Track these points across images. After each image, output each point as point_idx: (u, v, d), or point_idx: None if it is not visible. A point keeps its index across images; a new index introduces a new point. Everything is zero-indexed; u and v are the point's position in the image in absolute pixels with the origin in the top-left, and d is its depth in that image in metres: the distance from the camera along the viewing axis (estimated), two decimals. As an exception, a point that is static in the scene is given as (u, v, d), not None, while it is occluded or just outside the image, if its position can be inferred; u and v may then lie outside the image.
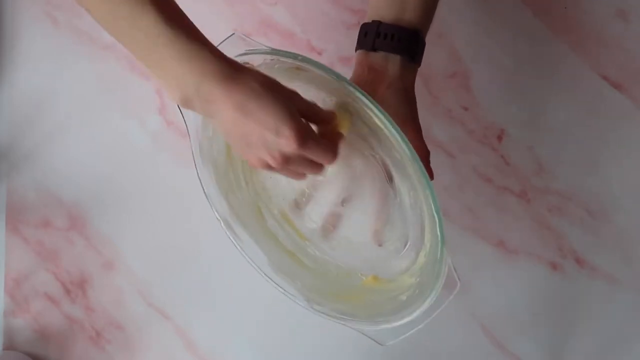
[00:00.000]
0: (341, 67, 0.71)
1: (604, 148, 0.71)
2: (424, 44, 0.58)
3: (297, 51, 0.72)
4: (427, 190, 0.50)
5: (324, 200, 0.61)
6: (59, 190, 0.74)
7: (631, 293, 0.70)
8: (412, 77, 0.58)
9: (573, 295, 0.70)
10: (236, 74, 0.47)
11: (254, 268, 0.58)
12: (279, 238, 0.62)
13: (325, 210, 0.61)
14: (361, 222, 0.60)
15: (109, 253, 0.73)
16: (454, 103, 0.71)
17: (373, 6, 0.58)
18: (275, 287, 0.58)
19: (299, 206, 0.62)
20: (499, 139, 0.71)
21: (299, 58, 0.51)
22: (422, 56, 0.58)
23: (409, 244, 0.58)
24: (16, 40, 0.74)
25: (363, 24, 0.58)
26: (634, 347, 0.70)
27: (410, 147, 0.50)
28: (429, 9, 0.58)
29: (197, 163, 0.58)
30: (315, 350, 0.72)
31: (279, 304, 0.58)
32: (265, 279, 0.58)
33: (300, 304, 0.57)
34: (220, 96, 0.47)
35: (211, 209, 0.59)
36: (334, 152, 0.51)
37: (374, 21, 0.57)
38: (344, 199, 0.60)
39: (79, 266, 0.73)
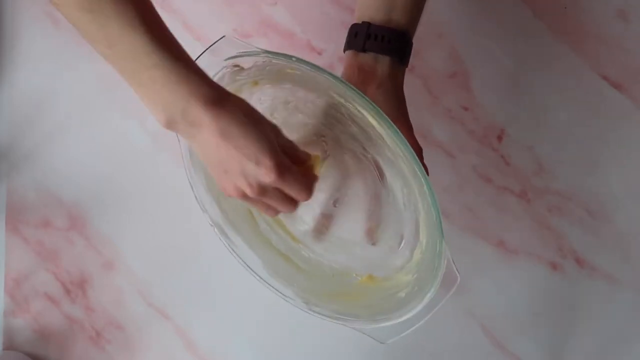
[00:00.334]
0: (341, 67, 0.70)
1: (604, 148, 0.71)
2: (412, 45, 0.58)
3: (297, 51, 0.72)
4: (423, 184, 0.50)
5: (316, 201, 0.60)
6: (59, 190, 0.74)
7: (631, 293, 0.70)
8: (401, 78, 0.58)
9: (573, 295, 0.70)
10: (222, 100, 0.47)
11: (249, 272, 0.58)
12: (272, 242, 0.62)
13: (318, 212, 0.61)
14: (354, 222, 0.60)
15: (109, 253, 0.73)
16: (454, 103, 0.71)
17: (362, 7, 0.58)
18: (272, 290, 0.58)
19: None
20: (499, 139, 0.71)
21: (293, 59, 0.51)
22: (410, 57, 0.58)
23: (403, 242, 0.58)
24: (16, 40, 0.74)
25: (353, 25, 0.58)
26: (634, 347, 0.70)
27: (406, 142, 0.50)
28: (416, 11, 0.58)
29: (187, 168, 0.58)
30: (316, 350, 0.72)
31: (279, 304, 0.58)
32: (262, 283, 0.58)
33: (298, 307, 0.57)
34: (206, 120, 0.46)
35: (203, 214, 0.59)
36: (310, 188, 0.51)
37: (364, 22, 0.57)
38: (336, 200, 0.61)
39: (79, 266, 0.73)
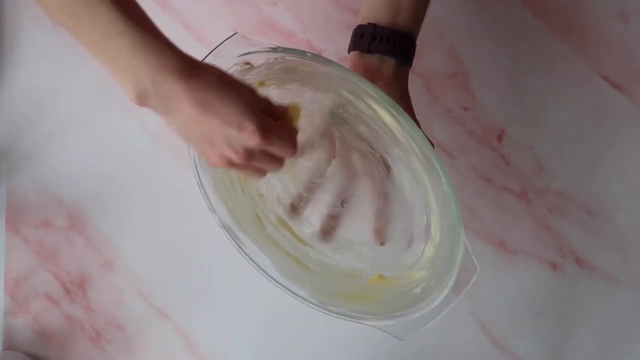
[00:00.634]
0: (341, 67, 0.71)
1: (604, 148, 0.71)
2: (415, 46, 0.58)
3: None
4: (440, 174, 0.50)
5: (323, 202, 0.60)
6: (59, 190, 0.74)
7: (631, 293, 0.70)
8: (406, 78, 0.58)
9: (573, 295, 0.70)
10: (194, 69, 0.46)
11: (262, 274, 0.58)
12: (279, 243, 0.61)
13: (325, 213, 0.61)
14: (362, 222, 0.60)
15: (109, 253, 0.73)
16: (454, 103, 0.71)
17: (367, 8, 0.58)
18: (286, 292, 0.57)
19: (296, 211, 0.61)
20: (499, 139, 0.71)
21: (308, 55, 0.51)
22: (414, 58, 0.58)
23: (413, 239, 0.58)
24: (16, 40, 0.74)
25: (358, 26, 0.58)
26: (634, 347, 0.70)
27: (420, 131, 0.50)
28: (420, 13, 0.58)
29: (195, 169, 0.58)
30: (316, 350, 0.72)
31: (279, 304, 0.58)
32: (275, 285, 0.57)
33: (313, 307, 0.57)
34: (180, 92, 0.45)
35: (212, 215, 0.58)
36: (294, 143, 0.50)
37: (369, 24, 0.57)
38: (343, 200, 0.60)
39: (79, 266, 0.73)
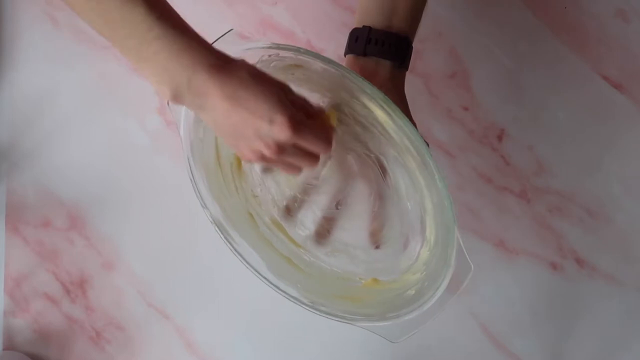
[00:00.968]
0: (341, 67, 0.71)
1: (604, 148, 0.71)
2: (412, 48, 0.58)
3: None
4: (434, 172, 0.50)
5: (318, 204, 0.60)
6: (59, 190, 0.74)
7: (631, 293, 0.70)
8: (402, 80, 0.58)
9: (573, 295, 0.70)
10: (226, 65, 0.47)
11: (250, 270, 0.58)
12: (273, 243, 0.61)
13: (319, 215, 0.60)
14: (357, 224, 0.59)
15: (109, 253, 0.73)
16: (454, 103, 0.71)
17: (362, 11, 0.58)
18: (275, 289, 0.57)
19: (290, 213, 0.61)
20: (499, 139, 0.71)
21: (302, 51, 0.51)
22: (410, 60, 0.58)
23: (408, 243, 0.58)
24: (16, 40, 0.74)
25: (353, 29, 0.58)
26: (634, 347, 0.70)
27: (414, 129, 0.50)
28: (417, 16, 0.58)
29: (188, 164, 0.57)
30: (317, 351, 0.72)
31: (280, 304, 0.58)
32: (264, 282, 0.58)
33: (303, 307, 0.57)
34: (212, 88, 0.46)
35: (203, 210, 0.58)
36: (328, 140, 0.51)
37: (364, 27, 0.57)
38: (338, 202, 0.60)
39: (79, 266, 0.73)
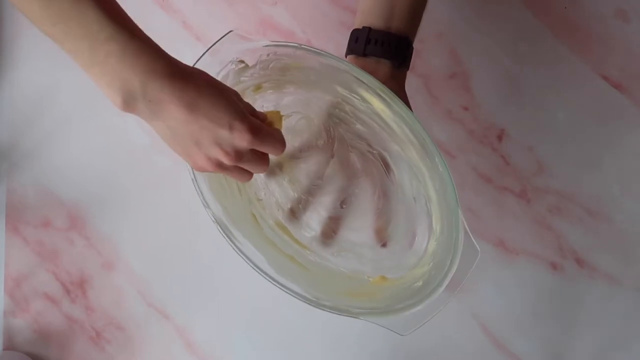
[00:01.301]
0: (341, 67, 0.71)
1: (604, 148, 0.71)
2: (412, 48, 0.58)
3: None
4: (435, 159, 0.50)
5: (323, 204, 0.60)
6: (59, 190, 0.74)
7: (631, 293, 0.70)
8: (403, 80, 0.58)
9: (573, 295, 0.70)
10: (183, 72, 0.46)
11: (253, 268, 0.58)
12: (276, 244, 0.61)
13: (324, 215, 0.60)
14: (363, 222, 0.59)
15: (109, 253, 0.73)
16: (454, 103, 0.71)
17: (362, 12, 0.58)
18: (279, 287, 0.57)
19: (295, 215, 0.61)
20: (499, 139, 0.71)
21: (298, 46, 0.51)
22: (411, 60, 0.58)
23: (415, 238, 0.58)
24: (16, 40, 0.74)
25: (353, 30, 0.58)
26: (634, 347, 0.70)
27: (414, 117, 0.50)
28: (417, 16, 0.58)
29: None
30: (317, 350, 0.72)
31: (281, 303, 0.58)
32: (267, 279, 0.57)
33: (307, 303, 0.56)
34: (169, 95, 0.45)
35: (205, 210, 0.58)
36: (282, 140, 0.52)
37: (364, 27, 0.57)
38: (343, 201, 0.60)
39: (79, 266, 0.73)
